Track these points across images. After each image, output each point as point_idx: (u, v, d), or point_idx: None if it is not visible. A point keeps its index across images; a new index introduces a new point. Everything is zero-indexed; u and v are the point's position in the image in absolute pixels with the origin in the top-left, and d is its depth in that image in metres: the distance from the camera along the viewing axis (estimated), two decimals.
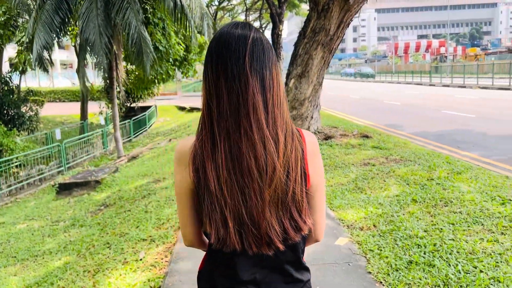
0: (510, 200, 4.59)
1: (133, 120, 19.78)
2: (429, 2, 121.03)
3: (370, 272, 3.35)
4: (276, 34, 17.34)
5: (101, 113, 19.91)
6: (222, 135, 1.13)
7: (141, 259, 4.12)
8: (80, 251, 5.03)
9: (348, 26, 8.69)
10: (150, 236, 4.67)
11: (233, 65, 1.13)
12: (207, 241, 1.36)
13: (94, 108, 20.62)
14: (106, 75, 13.98)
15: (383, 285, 3.14)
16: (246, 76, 1.13)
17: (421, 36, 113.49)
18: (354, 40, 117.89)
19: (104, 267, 4.17)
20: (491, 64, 30.58)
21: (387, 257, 3.54)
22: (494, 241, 3.63)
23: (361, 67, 55.51)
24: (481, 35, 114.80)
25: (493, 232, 3.82)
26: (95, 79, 22.82)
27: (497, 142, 8.95)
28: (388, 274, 3.26)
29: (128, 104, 21.67)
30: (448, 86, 30.07)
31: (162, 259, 4.04)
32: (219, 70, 1.15)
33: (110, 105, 19.38)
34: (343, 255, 3.68)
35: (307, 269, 1.30)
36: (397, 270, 3.31)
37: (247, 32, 1.17)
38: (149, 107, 23.07)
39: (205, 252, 1.40)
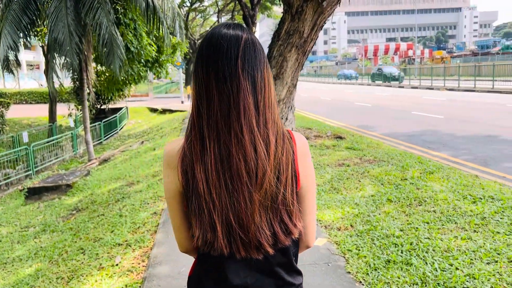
0: (481, 198, 4.74)
1: (104, 122, 19.39)
2: (397, 6, 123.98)
3: (349, 272, 3.38)
4: None
5: (70, 115, 19.42)
6: (211, 137, 1.11)
7: (117, 264, 4.02)
8: (52, 258, 4.88)
9: (321, 29, 8.76)
10: (126, 241, 4.57)
11: (224, 66, 1.11)
12: None
13: (63, 110, 20.09)
14: (76, 76, 13.64)
15: (363, 284, 3.18)
16: (237, 78, 1.11)
17: (389, 39, 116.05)
18: (325, 42, 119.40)
19: (78, 273, 4.05)
20: (457, 67, 31.56)
21: (365, 256, 3.58)
22: (468, 238, 3.73)
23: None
24: (447, 39, 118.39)
25: (466, 230, 3.92)
26: (64, 80, 22.25)
27: (465, 142, 9.23)
28: (367, 274, 3.30)
29: (99, 106, 21.22)
30: (416, 88, 30.82)
31: (139, 263, 3.96)
32: (210, 71, 1.12)
33: (79, 107, 18.93)
34: (322, 256, 3.70)
35: (299, 273, 1.28)
36: (375, 270, 3.35)
37: (239, 33, 1.15)
38: (120, 108, 22.66)
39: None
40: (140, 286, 3.47)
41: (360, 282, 3.22)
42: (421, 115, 14.31)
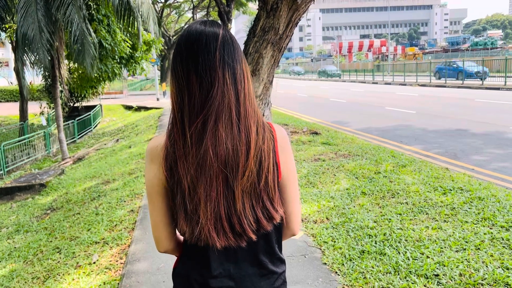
0: (451, 190, 4.91)
1: (77, 120, 19.03)
2: (371, 3, 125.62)
3: (325, 263, 3.47)
4: None
5: (42, 113, 18.98)
6: (193, 130, 1.13)
7: (94, 262, 4.00)
8: (27, 258, 4.79)
9: (296, 26, 8.82)
10: (103, 239, 4.55)
11: (204, 59, 1.13)
12: (181, 242, 1.36)
13: (35, 108, 19.62)
14: (48, 74, 13.34)
15: (338, 275, 3.27)
16: (217, 69, 1.13)
17: (363, 36, 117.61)
18: (300, 39, 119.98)
19: (54, 272, 4.01)
20: (428, 63, 32.29)
21: (340, 248, 3.68)
22: (438, 228, 3.87)
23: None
24: (419, 35, 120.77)
25: (437, 220, 4.07)
26: (35, 78, 21.72)
27: (436, 136, 9.49)
28: (343, 264, 3.39)
29: (72, 104, 20.79)
30: (390, 84, 31.39)
31: (117, 261, 3.96)
32: (189, 65, 1.14)
33: (52, 105, 18.52)
34: (299, 248, 3.78)
35: (282, 261, 1.31)
36: (350, 260, 3.45)
37: (216, 29, 1.18)
38: (93, 106, 22.27)
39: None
40: (118, 283, 3.47)
41: (336, 272, 3.31)
42: (395, 111, 14.61)
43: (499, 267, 3.07)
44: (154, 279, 3.43)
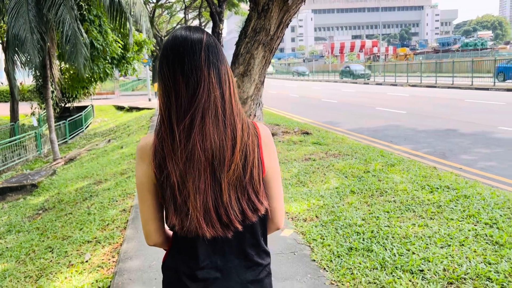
0: (438, 188, 5.01)
1: (69, 121, 18.97)
2: (362, 4, 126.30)
3: (314, 260, 3.54)
4: (216, 33, 17.34)
5: (33, 114, 18.89)
6: (181, 127, 1.19)
7: (87, 261, 4.04)
8: (19, 257, 4.82)
9: (287, 26, 8.94)
10: (95, 238, 4.59)
11: (190, 60, 1.20)
12: (170, 236, 1.42)
13: (26, 109, 19.53)
14: (39, 74, 13.29)
15: (327, 271, 3.34)
16: (203, 69, 1.20)
17: (355, 37, 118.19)
18: (292, 40, 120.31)
19: (47, 271, 4.04)
20: (419, 64, 32.56)
21: (329, 245, 3.75)
22: (424, 225, 3.96)
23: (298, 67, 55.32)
24: (410, 36, 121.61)
25: (423, 218, 4.17)
26: (25, 78, 21.61)
27: (426, 136, 9.63)
28: (331, 261, 3.47)
29: (63, 104, 20.72)
30: (381, 84, 31.62)
31: (109, 259, 4.00)
32: (176, 66, 1.21)
33: (43, 106, 18.44)
34: (289, 245, 3.85)
35: (267, 253, 1.38)
36: (339, 257, 3.52)
37: (201, 35, 1.25)
38: (85, 107, 22.22)
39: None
40: (111, 281, 3.52)
41: (324, 269, 3.38)
42: (385, 111, 14.75)
43: (481, 262, 3.17)
44: (146, 276, 3.49)
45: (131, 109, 24.29)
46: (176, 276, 1.33)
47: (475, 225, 3.88)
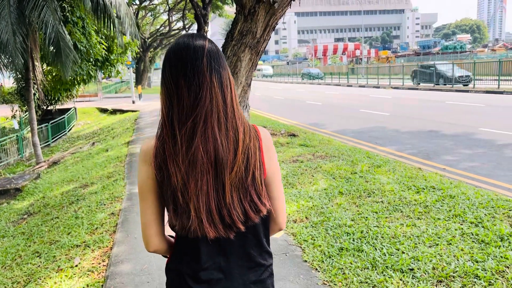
0: (424, 189, 5.12)
1: (51, 123, 18.69)
2: (345, 7, 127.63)
3: (306, 261, 3.58)
4: None
5: (14, 116, 18.55)
6: (182, 131, 1.22)
7: (76, 265, 4.01)
8: (5, 263, 4.74)
9: (273, 29, 8.96)
10: (84, 242, 4.55)
11: (193, 65, 1.23)
12: (172, 242, 1.43)
13: (6, 111, 19.17)
14: (21, 76, 13.07)
15: (318, 271, 3.39)
16: (205, 74, 1.23)
17: (338, 39, 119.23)
18: (276, 42, 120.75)
19: (35, 276, 3.99)
20: (401, 66, 33.06)
21: (320, 245, 3.80)
22: (412, 225, 4.04)
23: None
24: (391, 39, 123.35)
25: (411, 218, 4.25)
26: (5, 80, 21.21)
27: (409, 138, 9.79)
28: (322, 261, 3.52)
29: (45, 107, 20.40)
30: (364, 86, 31.98)
31: (99, 263, 3.97)
32: (178, 70, 1.24)
33: (24, 108, 18.12)
34: (280, 247, 3.88)
35: (269, 254, 1.40)
36: (330, 257, 3.57)
37: (203, 41, 1.28)
38: (68, 109, 21.91)
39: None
40: (102, 285, 3.50)
41: (316, 269, 3.43)
42: (369, 113, 14.94)
43: (469, 260, 3.25)
44: (138, 279, 3.48)
45: (114, 111, 24.03)
46: (180, 278, 1.35)
47: (461, 224, 3.98)
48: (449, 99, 18.16)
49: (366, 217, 4.35)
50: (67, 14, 13.53)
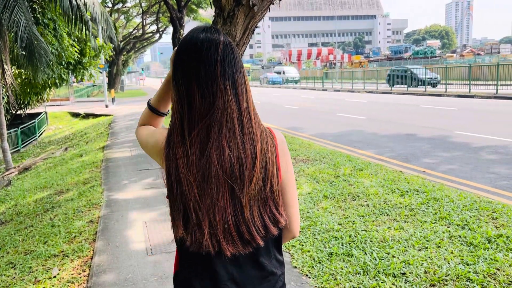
0: (407, 191, 5.14)
1: (21, 128, 18.08)
2: (318, 12, 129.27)
3: (295, 267, 3.51)
4: (177, 38, 17.11)
5: None
6: (194, 142, 1.14)
7: (55, 276, 3.81)
8: None
9: (253, 33, 8.91)
10: (62, 251, 4.34)
11: (206, 69, 1.14)
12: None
13: None
14: None
15: (309, 277, 3.32)
16: (218, 80, 1.14)
17: (311, 44, 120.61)
18: (251, 46, 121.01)
19: None
20: (375, 71, 33.64)
21: (309, 251, 3.74)
22: (400, 228, 4.04)
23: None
24: (363, 44, 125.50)
25: (398, 221, 4.24)
26: None
27: (387, 141, 9.89)
28: (312, 267, 3.45)
29: (14, 111, 19.73)
30: (338, 90, 32.33)
31: (79, 274, 3.79)
32: (191, 75, 1.15)
33: None
34: None
35: (280, 262, 1.33)
36: (320, 262, 3.51)
37: (217, 36, 1.19)
38: (38, 114, 21.28)
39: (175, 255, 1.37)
40: None
41: (307, 275, 3.36)
42: (346, 116, 15.07)
43: (460, 263, 3.25)
44: None
45: (87, 115, 23.47)
46: None
47: (448, 227, 3.99)
48: (423, 103, 18.53)
49: (353, 221, 4.32)
50: (38, 15, 13.13)
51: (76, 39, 16.35)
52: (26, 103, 19.19)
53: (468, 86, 21.80)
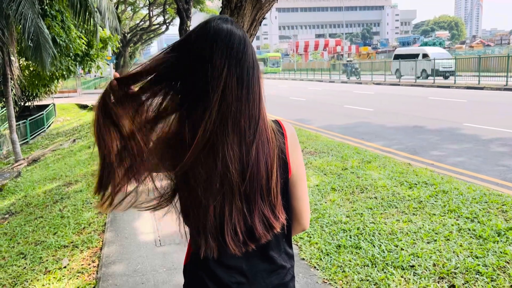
0: (416, 184, 5.11)
1: (30, 120, 18.21)
2: (325, 3, 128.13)
3: (303, 259, 3.52)
4: (184, 30, 17.06)
5: None
6: (197, 146, 1.08)
7: (65, 267, 3.86)
8: None
9: (260, 24, 8.85)
10: (72, 242, 4.39)
11: (215, 63, 1.08)
12: None
13: None
14: None
15: (318, 269, 3.32)
16: (226, 75, 1.08)
17: (318, 35, 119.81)
18: (257, 38, 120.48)
19: (21, 279, 3.82)
20: (383, 62, 33.34)
21: (317, 243, 3.74)
22: (409, 221, 4.02)
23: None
24: (371, 35, 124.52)
25: (406, 214, 4.23)
26: None
27: (395, 133, 9.83)
28: (321, 259, 3.46)
29: (22, 103, 19.87)
30: (346, 82, 32.16)
31: (89, 264, 3.83)
32: (198, 68, 1.09)
33: (1, 104, 17.59)
34: None
35: (289, 255, 1.32)
36: (328, 255, 3.52)
37: (234, 29, 1.12)
38: (46, 105, 21.40)
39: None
40: (94, 287, 3.37)
41: (315, 267, 3.36)
42: (353, 108, 14.99)
43: (469, 256, 3.23)
44: (132, 281, 3.35)
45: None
46: (199, 281, 1.26)
47: (457, 220, 3.97)
48: (431, 95, 18.38)
49: (361, 214, 4.31)
50: (46, 7, 13.14)
51: (83, 31, 16.36)
52: (34, 95, 19.30)
53: (477, 77, 21.56)
